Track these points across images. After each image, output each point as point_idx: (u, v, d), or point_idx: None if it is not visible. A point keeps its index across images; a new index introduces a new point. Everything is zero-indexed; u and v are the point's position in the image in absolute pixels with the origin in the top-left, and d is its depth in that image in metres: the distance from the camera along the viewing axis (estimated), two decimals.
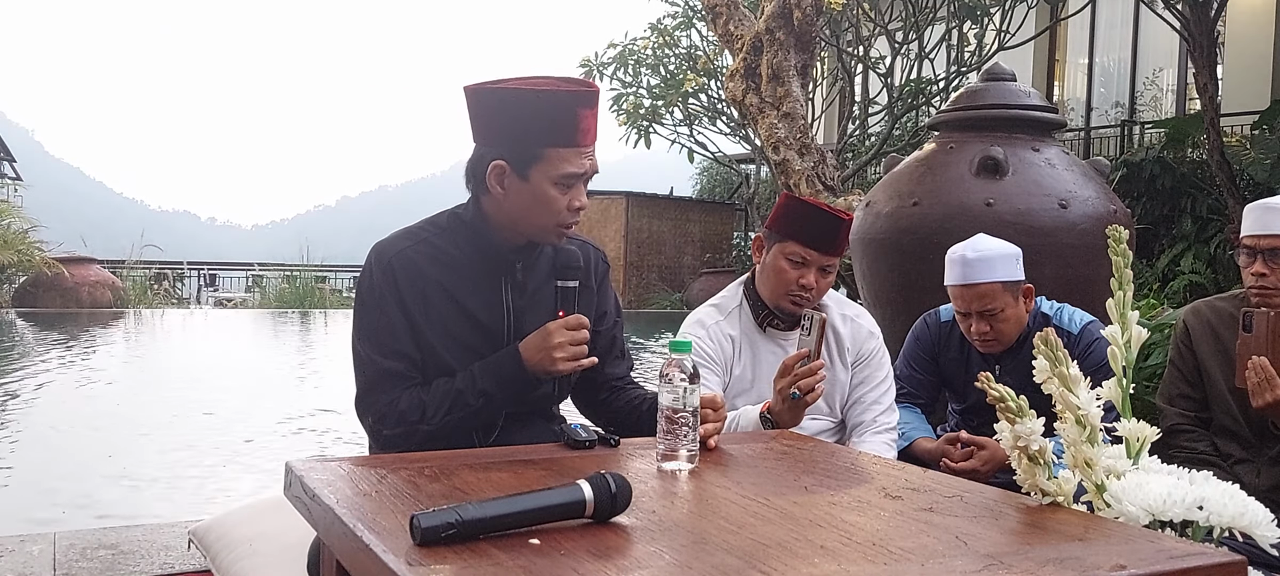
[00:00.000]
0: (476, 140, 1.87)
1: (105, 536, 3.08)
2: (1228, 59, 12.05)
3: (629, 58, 14.07)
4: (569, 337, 1.82)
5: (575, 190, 1.84)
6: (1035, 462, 1.44)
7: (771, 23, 7.32)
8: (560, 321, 1.84)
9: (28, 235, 14.68)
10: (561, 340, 1.82)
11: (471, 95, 1.84)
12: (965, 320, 2.68)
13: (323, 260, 20.05)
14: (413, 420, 1.83)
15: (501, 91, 1.81)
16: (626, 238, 17.10)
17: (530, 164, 1.81)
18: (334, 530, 1.32)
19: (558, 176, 1.81)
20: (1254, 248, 2.44)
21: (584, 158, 1.83)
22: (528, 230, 1.87)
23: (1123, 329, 1.55)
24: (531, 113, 1.78)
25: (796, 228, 2.37)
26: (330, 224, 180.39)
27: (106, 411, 6.59)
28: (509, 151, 1.82)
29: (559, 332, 1.82)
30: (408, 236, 1.93)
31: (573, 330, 1.83)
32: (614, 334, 2.08)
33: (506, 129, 1.81)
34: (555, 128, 1.79)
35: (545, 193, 1.82)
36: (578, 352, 1.84)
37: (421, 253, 1.89)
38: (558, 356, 1.82)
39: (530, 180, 1.82)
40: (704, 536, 1.24)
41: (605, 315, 2.05)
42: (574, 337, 1.83)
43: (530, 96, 1.78)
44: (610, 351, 2.06)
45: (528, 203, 1.83)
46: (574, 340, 1.83)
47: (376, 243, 1.93)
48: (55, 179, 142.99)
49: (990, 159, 3.59)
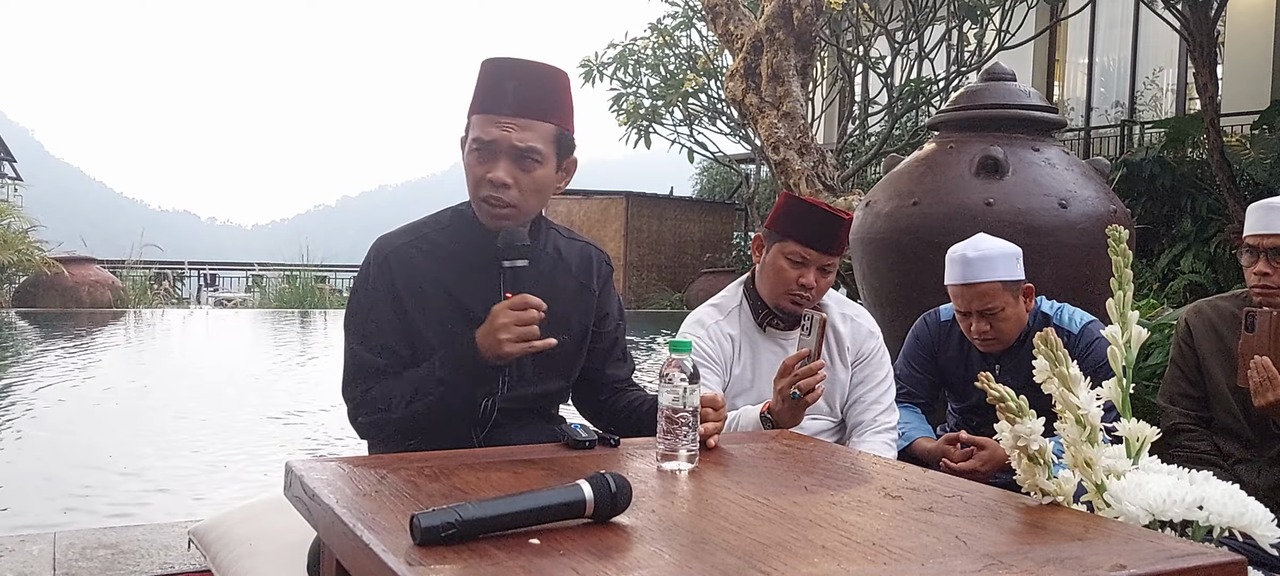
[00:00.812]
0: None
1: (105, 536, 3.08)
2: (1228, 59, 12.05)
3: (629, 58, 14.07)
4: (514, 319, 1.75)
5: (491, 162, 1.80)
6: (1035, 462, 1.44)
7: (771, 22, 7.32)
8: (505, 303, 1.77)
9: (28, 235, 14.69)
10: (506, 321, 1.75)
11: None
12: (965, 319, 2.68)
13: (323, 260, 20.06)
14: (381, 408, 1.84)
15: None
16: (626, 238, 17.10)
17: (465, 132, 1.86)
18: (334, 530, 1.32)
19: (471, 142, 1.83)
20: (1257, 247, 2.44)
21: (494, 126, 1.80)
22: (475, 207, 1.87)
23: (1123, 329, 1.55)
24: (477, 82, 1.84)
25: (796, 227, 2.37)
26: (330, 224, 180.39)
27: (106, 411, 6.59)
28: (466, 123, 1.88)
29: (503, 314, 1.75)
30: (409, 232, 1.94)
31: (518, 310, 1.75)
32: (616, 336, 2.07)
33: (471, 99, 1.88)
34: (480, 96, 1.83)
35: (466, 160, 1.84)
36: (524, 333, 1.75)
37: (420, 248, 1.90)
38: (503, 338, 1.74)
39: (464, 148, 1.86)
40: (704, 536, 1.24)
41: (608, 317, 2.04)
42: (520, 318, 1.75)
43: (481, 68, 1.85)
44: (612, 354, 2.05)
45: (466, 172, 1.86)
46: (520, 321, 1.75)
47: (379, 237, 1.95)
48: (55, 179, 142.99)
49: (990, 159, 3.59)
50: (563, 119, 1.87)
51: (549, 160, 1.84)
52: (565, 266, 1.99)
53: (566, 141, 1.88)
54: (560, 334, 1.91)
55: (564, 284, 1.97)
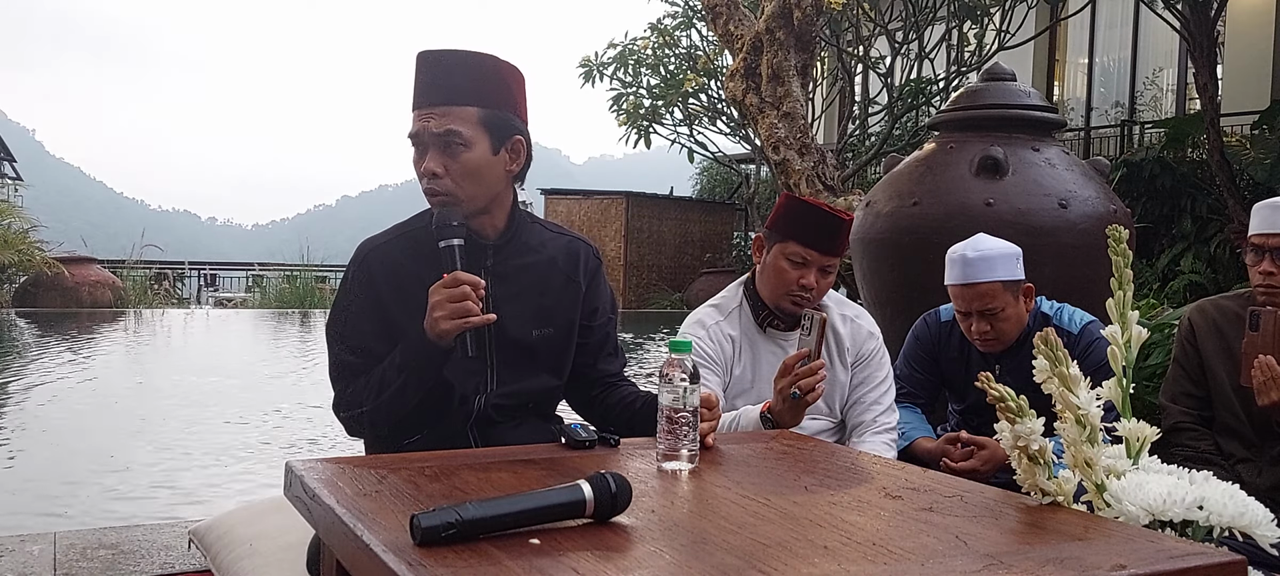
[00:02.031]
0: None
1: (105, 536, 3.08)
2: (1228, 59, 12.05)
3: (629, 58, 14.07)
4: (446, 295, 1.74)
5: (422, 154, 1.85)
6: (1035, 462, 1.44)
7: (771, 23, 7.32)
8: (439, 282, 1.77)
9: (28, 235, 14.69)
10: (438, 298, 1.75)
11: None
12: (965, 319, 2.68)
13: (323, 260, 20.06)
14: (355, 405, 1.87)
15: None
16: (626, 237, 17.09)
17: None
18: (334, 530, 1.32)
19: (410, 137, 1.86)
20: (1262, 246, 2.44)
21: (418, 120, 1.85)
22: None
23: (1123, 329, 1.55)
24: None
25: (796, 228, 2.37)
26: (330, 224, 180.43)
27: (107, 411, 6.59)
28: None
29: (436, 292, 1.75)
30: (391, 231, 1.97)
31: (449, 287, 1.75)
32: (607, 331, 2.07)
33: None
34: (413, 92, 1.86)
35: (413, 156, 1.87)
36: (457, 310, 1.73)
37: (401, 247, 1.92)
38: (437, 316, 1.74)
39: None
40: (704, 536, 1.24)
41: (597, 311, 2.04)
42: (452, 295, 1.74)
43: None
44: (603, 348, 2.05)
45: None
46: (452, 297, 1.74)
47: (363, 240, 1.97)
48: (55, 179, 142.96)
49: (990, 159, 3.59)
50: (494, 100, 1.85)
51: (478, 143, 1.83)
52: (551, 261, 1.99)
53: (501, 122, 1.86)
54: (546, 328, 1.94)
55: (550, 278, 1.97)
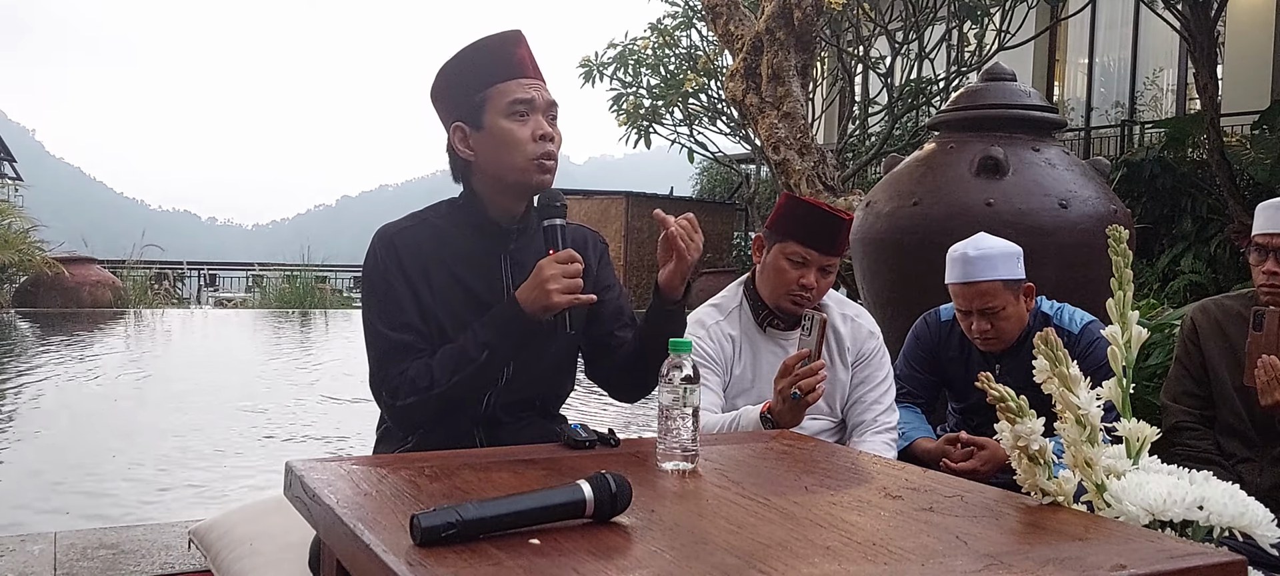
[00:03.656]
0: (444, 126, 1.93)
1: (105, 536, 3.08)
2: (1228, 59, 12.05)
3: (629, 58, 14.06)
4: (561, 270, 1.78)
5: (534, 119, 1.85)
6: (1035, 462, 1.44)
7: (771, 23, 7.32)
8: (550, 257, 1.80)
9: (28, 235, 14.68)
10: (553, 272, 1.78)
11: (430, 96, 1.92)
12: (966, 319, 2.68)
13: (323, 260, 20.06)
14: (423, 387, 1.83)
15: (442, 67, 1.90)
16: (626, 237, 17.09)
17: (480, 111, 1.86)
18: (334, 530, 1.32)
19: (505, 107, 1.85)
20: (1266, 246, 2.44)
21: (529, 87, 1.85)
22: (509, 180, 1.88)
23: (1123, 329, 1.55)
24: (465, 67, 1.87)
25: (797, 228, 2.37)
26: (330, 224, 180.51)
27: (107, 411, 6.59)
28: (460, 111, 1.88)
29: (550, 266, 1.79)
30: (409, 218, 1.97)
31: (564, 263, 1.79)
32: (619, 304, 2.07)
33: (451, 94, 1.89)
34: (489, 68, 1.85)
35: (502, 128, 1.85)
36: (572, 285, 1.79)
37: (422, 232, 1.92)
38: (551, 288, 1.77)
39: (485, 126, 1.86)
40: (704, 536, 1.24)
41: (608, 288, 2.05)
42: (567, 270, 1.79)
43: (457, 58, 1.88)
44: (619, 319, 2.06)
45: (494, 148, 1.86)
46: (567, 272, 1.79)
47: (380, 226, 1.97)
48: (55, 179, 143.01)
49: (990, 159, 3.59)
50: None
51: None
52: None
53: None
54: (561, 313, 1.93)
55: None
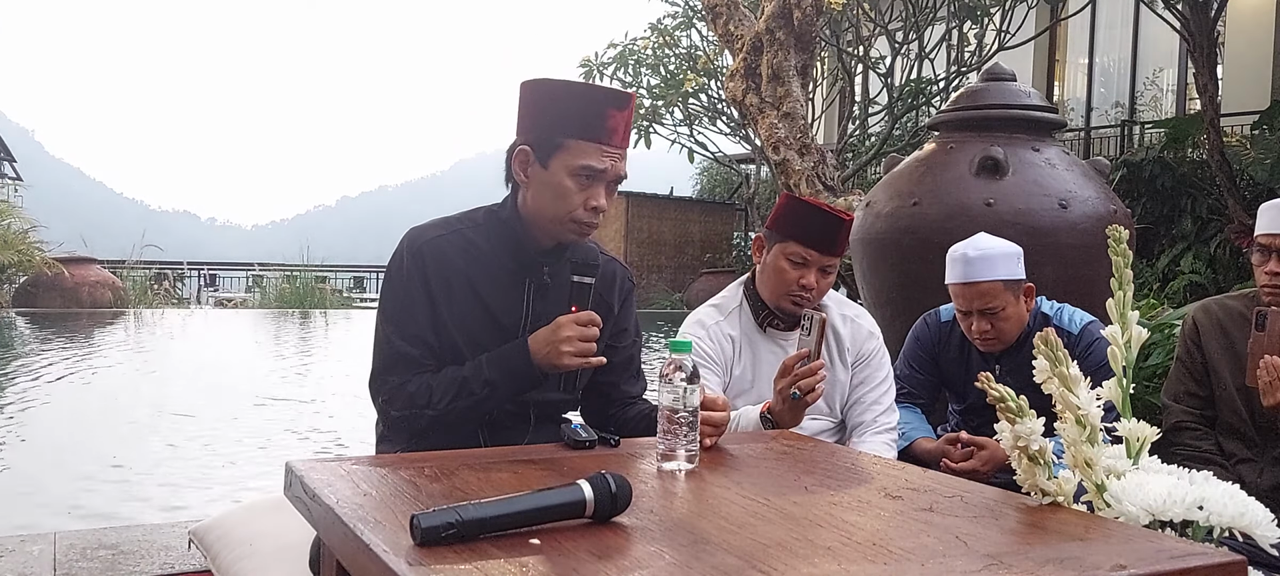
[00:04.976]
0: (516, 131, 1.89)
1: (105, 536, 3.08)
2: (1228, 59, 12.05)
3: (629, 58, 14.07)
4: (578, 333, 1.79)
5: (593, 188, 1.83)
6: (1035, 462, 1.44)
7: (771, 23, 7.31)
8: (572, 316, 1.81)
9: (28, 235, 14.68)
10: (570, 334, 1.79)
11: (522, 88, 1.88)
12: (966, 319, 2.68)
13: (323, 260, 20.06)
14: (419, 404, 1.84)
15: (543, 83, 1.85)
16: (627, 238, 17.10)
17: (552, 152, 1.83)
18: (334, 530, 1.32)
19: (575, 167, 1.81)
20: (1268, 246, 2.43)
21: (606, 156, 1.82)
22: (548, 223, 1.86)
23: (1123, 329, 1.55)
24: (562, 104, 1.82)
25: (797, 228, 2.37)
26: (330, 224, 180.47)
27: (107, 411, 6.59)
28: (535, 138, 1.85)
29: (569, 327, 1.80)
30: (442, 225, 1.94)
31: (583, 326, 1.80)
32: (632, 353, 2.07)
33: (537, 117, 1.85)
34: (581, 121, 1.81)
35: (562, 183, 1.82)
36: (586, 349, 1.80)
37: (453, 243, 1.90)
38: (565, 350, 1.79)
39: (550, 168, 1.83)
40: (704, 536, 1.24)
41: (625, 332, 2.05)
42: (583, 333, 1.80)
43: (564, 88, 1.83)
44: (627, 370, 2.06)
45: (546, 192, 1.84)
46: (583, 336, 1.80)
47: (411, 227, 1.95)
48: (55, 179, 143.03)
49: (990, 159, 3.59)
50: None
51: None
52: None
53: None
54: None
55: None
